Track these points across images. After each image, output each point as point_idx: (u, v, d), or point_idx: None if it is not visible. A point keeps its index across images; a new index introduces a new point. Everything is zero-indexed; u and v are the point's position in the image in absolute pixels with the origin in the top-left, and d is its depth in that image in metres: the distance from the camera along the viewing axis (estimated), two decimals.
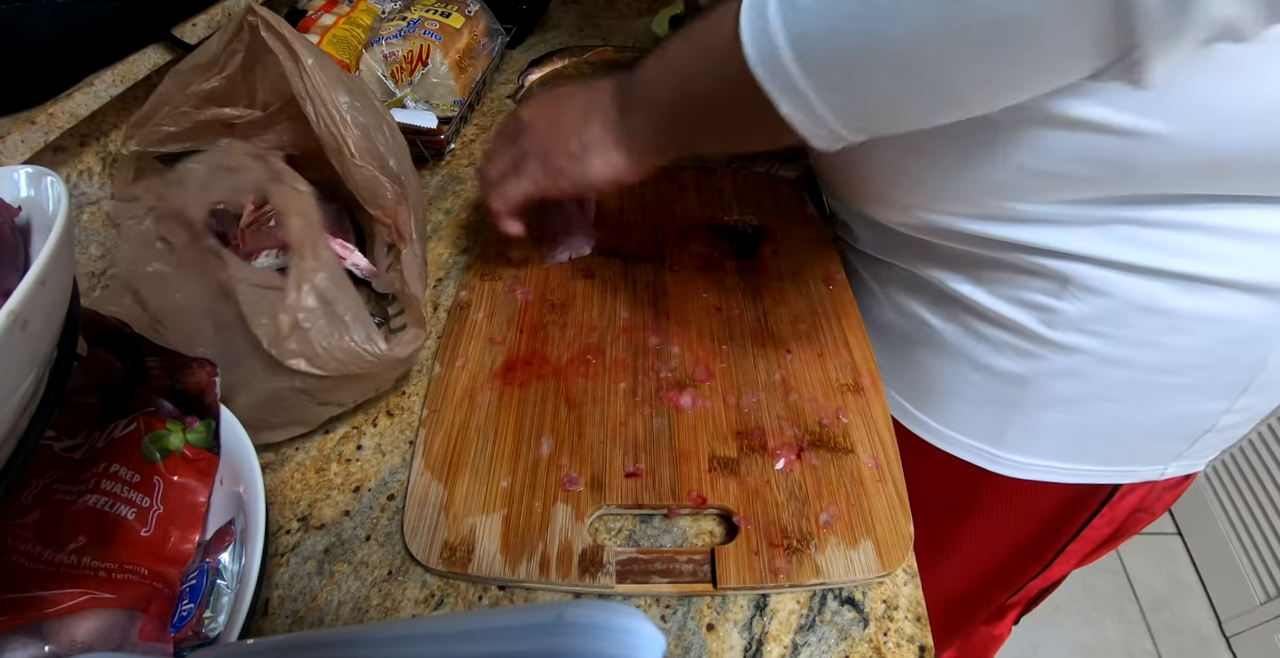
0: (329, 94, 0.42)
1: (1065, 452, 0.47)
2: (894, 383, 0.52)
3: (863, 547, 0.38)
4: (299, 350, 0.38)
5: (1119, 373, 0.42)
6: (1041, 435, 0.47)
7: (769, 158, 0.69)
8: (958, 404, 0.50)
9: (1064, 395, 0.44)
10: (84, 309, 0.33)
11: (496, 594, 0.37)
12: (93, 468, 0.36)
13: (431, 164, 0.68)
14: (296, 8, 0.70)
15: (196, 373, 0.38)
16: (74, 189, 0.53)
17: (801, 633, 0.36)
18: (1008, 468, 0.49)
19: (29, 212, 0.27)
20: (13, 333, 0.21)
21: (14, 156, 0.45)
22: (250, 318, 0.38)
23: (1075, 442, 0.47)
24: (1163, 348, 0.40)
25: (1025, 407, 0.46)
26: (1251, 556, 1.24)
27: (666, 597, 0.37)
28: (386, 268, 0.50)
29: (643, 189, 0.63)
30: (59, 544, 0.33)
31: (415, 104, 0.69)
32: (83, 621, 0.32)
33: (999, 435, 0.48)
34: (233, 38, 0.44)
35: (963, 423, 0.50)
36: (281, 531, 0.40)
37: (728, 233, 0.58)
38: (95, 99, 0.51)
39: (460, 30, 0.71)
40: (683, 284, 0.53)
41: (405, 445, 0.44)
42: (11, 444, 0.24)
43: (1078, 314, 0.40)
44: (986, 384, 0.47)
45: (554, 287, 0.53)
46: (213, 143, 0.49)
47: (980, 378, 0.47)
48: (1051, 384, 0.44)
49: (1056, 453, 0.48)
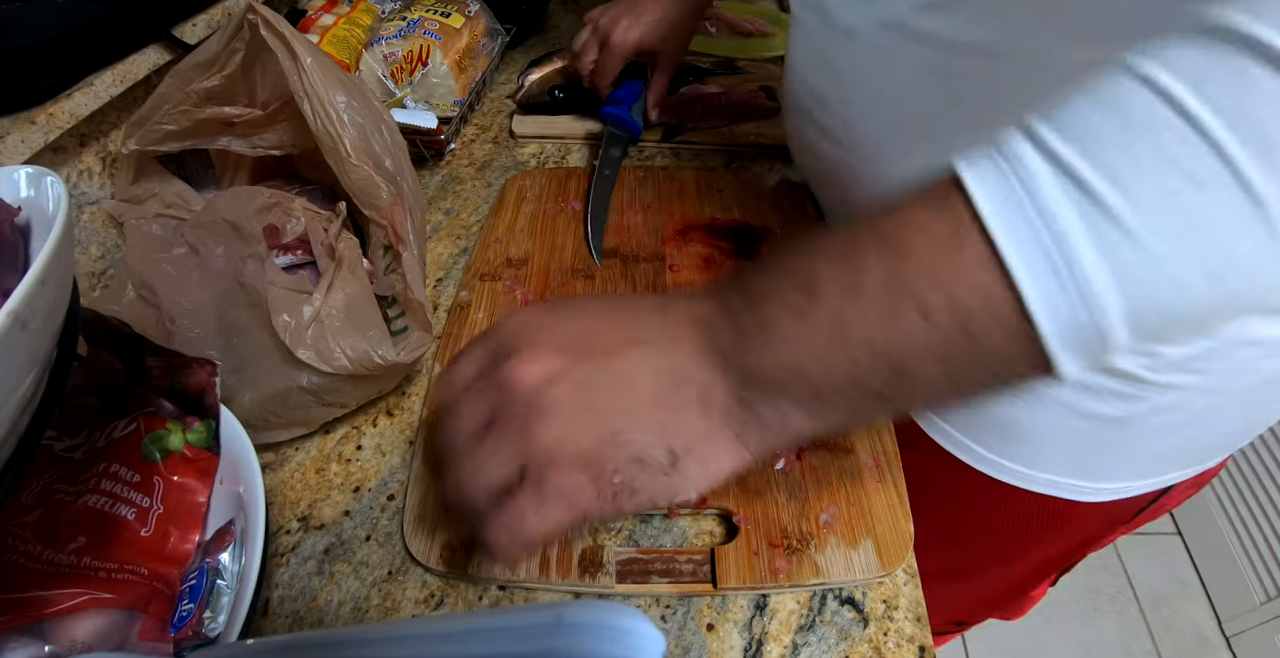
0: (326, 93, 0.42)
1: (1147, 471, 0.47)
2: (959, 425, 0.49)
3: (863, 547, 0.38)
4: (312, 344, 0.39)
5: (1214, 400, 0.41)
6: (1131, 463, 0.46)
7: (769, 158, 0.69)
8: (1049, 448, 0.46)
9: (1159, 427, 0.43)
10: (84, 309, 0.33)
11: (496, 594, 0.37)
12: (93, 468, 0.36)
13: (431, 164, 0.68)
14: (296, 8, 0.70)
15: (196, 373, 0.38)
16: (74, 189, 0.53)
17: (801, 633, 0.36)
18: (1092, 496, 0.48)
19: (29, 212, 0.27)
20: (13, 333, 0.21)
21: (14, 157, 0.45)
22: (273, 315, 0.39)
23: (1159, 461, 0.46)
24: (1255, 373, 0.39)
25: (1120, 443, 0.44)
26: (1251, 556, 1.24)
27: (666, 597, 0.37)
28: (385, 269, 0.50)
29: (643, 190, 0.63)
30: (59, 544, 0.33)
31: (415, 104, 0.69)
32: (83, 621, 0.32)
33: (1090, 471, 0.47)
34: (233, 36, 0.44)
35: (1054, 464, 0.47)
36: (281, 531, 0.40)
37: (728, 233, 0.58)
38: (95, 99, 0.50)
39: (460, 30, 0.71)
40: (683, 284, 0.53)
41: (405, 445, 0.44)
42: (11, 444, 0.24)
43: (1180, 356, 0.38)
44: (1085, 429, 0.44)
45: (554, 287, 0.53)
46: (212, 142, 0.49)
47: (1080, 424, 0.44)
48: (1149, 420, 0.42)
49: (1140, 474, 0.47)
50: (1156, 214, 0.20)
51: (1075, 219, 0.20)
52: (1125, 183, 0.20)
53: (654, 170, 0.66)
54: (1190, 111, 0.19)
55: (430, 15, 0.70)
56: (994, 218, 0.21)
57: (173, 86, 0.46)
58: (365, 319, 0.41)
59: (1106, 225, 0.20)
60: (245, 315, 0.41)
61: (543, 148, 0.71)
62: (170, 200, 0.51)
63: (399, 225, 0.45)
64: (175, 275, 0.45)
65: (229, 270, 0.44)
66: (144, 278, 0.45)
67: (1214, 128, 0.19)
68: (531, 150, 0.71)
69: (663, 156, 0.69)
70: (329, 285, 0.41)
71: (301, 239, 0.47)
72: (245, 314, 0.41)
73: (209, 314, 0.43)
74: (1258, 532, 1.23)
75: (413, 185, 0.47)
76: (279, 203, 0.47)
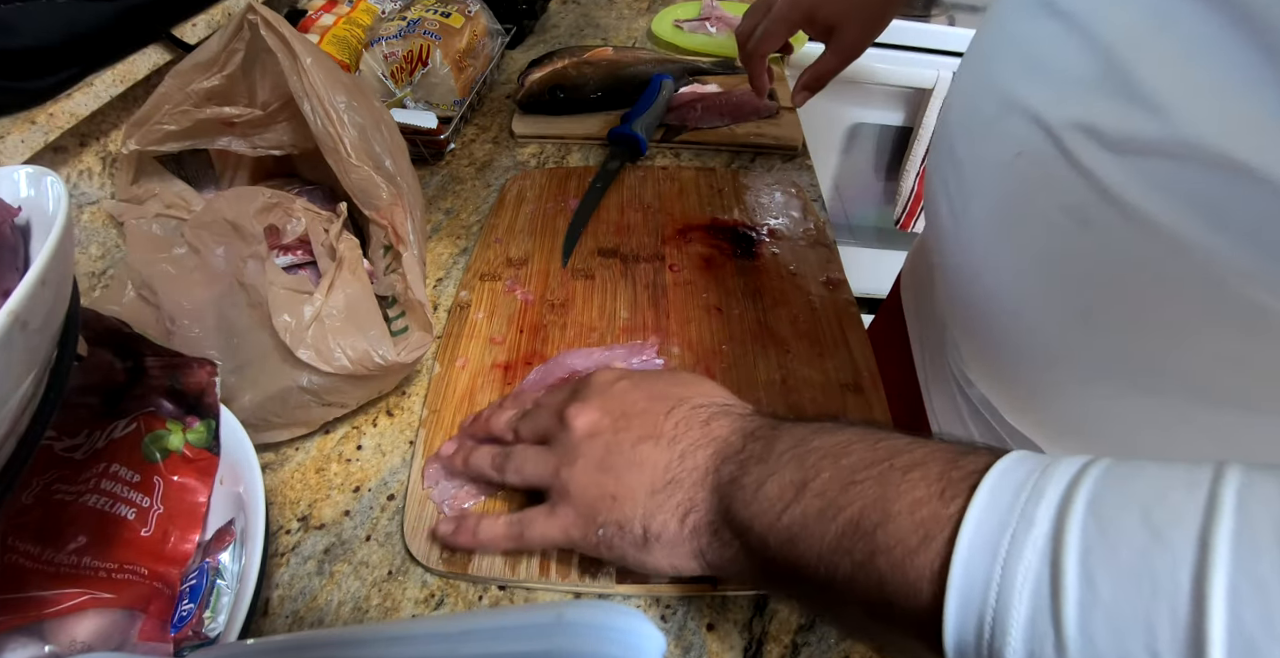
0: (326, 93, 0.42)
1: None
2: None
3: None
4: (313, 344, 0.39)
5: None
6: None
7: (769, 157, 0.69)
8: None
9: None
10: (84, 309, 0.33)
11: (496, 594, 0.37)
12: (93, 468, 0.36)
13: (431, 164, 0.68)
14: (296, 8, 0.70)
15: (196, 373, 0.38)
16: (74, 189, 0.53)
17: (801, 633, 0.36)
18: None
19: (29, 212, 0.27)
20: (13, 333, 0.21)
21: (14, 157, 0.45)
22: (274, 315, 0.39)
23: None
24: None
25: None
26: None
27: (666, 597, 0.37)
28: (385, 269, 0.50)
29: (643, 190, 0.63)
30: (59, 544, 0.33)
31: (415, 104, 0.69)
32: (83, 621, 0.32)
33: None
34: (233, 36, 0.44)
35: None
36: (281, 531, 0.40)
37: (728, 233, 0.58)
38: (95, 99, 0.50)
39: (460, 30, 0.71)
40: (683, 284, 0.53)
41: (405, 445, 0.44)
42: (11, 444, 0.24)
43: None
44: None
45: (554, 287, 0.53)
46: (212, 142, 0.49)
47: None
48: None
49: None
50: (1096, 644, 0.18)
51: (1027, 604, 0.19)
52: (1092, 593, 0.18)
53: (654, 170, 0.66)
54: (1209, 538, 0.17)
55: (430, 15, 0.70)
56: (966, 549, 0.21)
57: (173, 86, 0.46)
58: (365, 319, 0.41)
59: (1046, 626, 0.19)
60: (245, 315, 0.41)
61: (543, 148, 0.71)
62: (170, 200, 0.51)
63: (399, 225, 0.45)
64: (175, 275, 0.45)
65: (229, 270, 0.44)
66: (144, 278, 0.45)
67: (1215, 560, 0.17)
68: (531, 150, 0.71)
69: (663, 156, 0.69)
70: (329, 285, 0.41)
71: (302, 239, 0.47)
72: (245, 314, 0.41)
73: (209, 314, 0.43)
74: None
75: (413, 185, 0.47)
76: (279, 203, 0.47)
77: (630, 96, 0.72)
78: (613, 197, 0.62)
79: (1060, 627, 0.19)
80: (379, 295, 0.51)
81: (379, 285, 0.50)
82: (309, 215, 0.47)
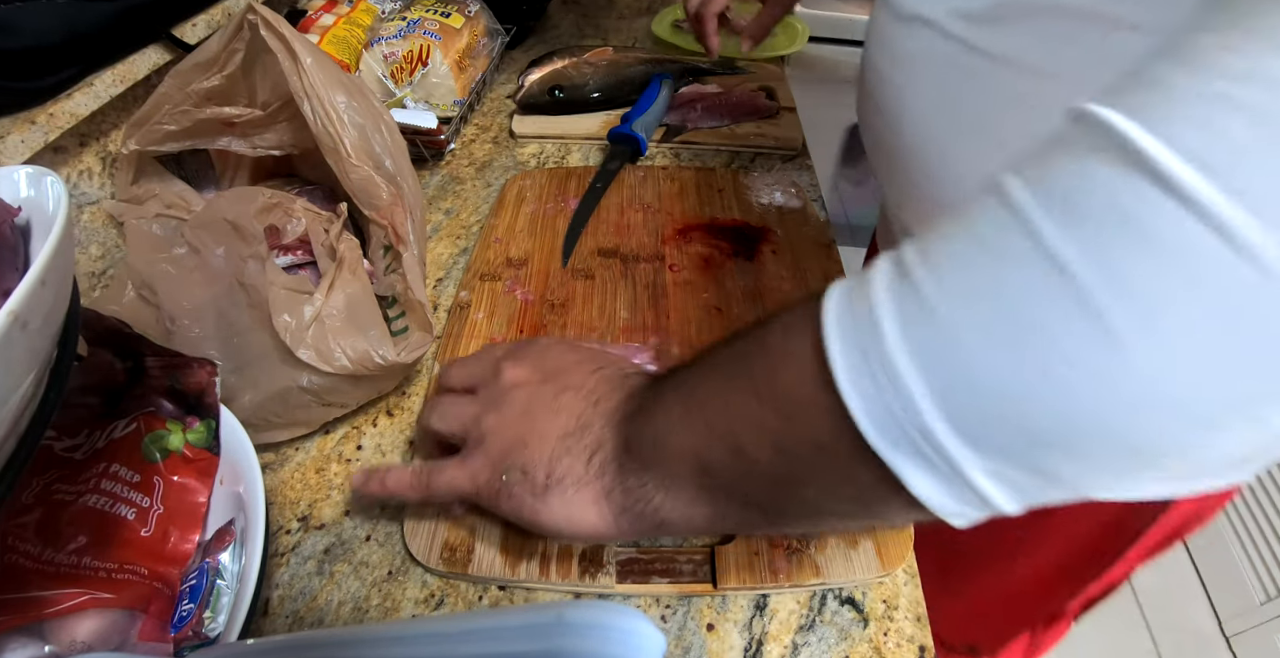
0: (326, 93, 0.42)
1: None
2: None
3: (862, 547, 0.38)
4: (313, 344, 0.39)
5: None
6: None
7: (769, 158, 0.69)
8: None
9: None
10: (84, 309, 0.33)
11: (496, 594, 0.37)
12: (93, 468, 0.36)
13: (431, 164, 0.68)
14: (296, 8, 0.70)
15: (196, 373, 0.38)
16: (74, 189, 0.53)
17: (801, 633, 0.36)
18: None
19: (29, 212, 0.27)
20: (13, 333, 0.21)
21: (14, 157, 0.45)
22: (274, 315, 0.39)
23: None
24: None
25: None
26: (1251, 556, 1.24)
27: (666, 597, 0.37)
28: (385, 269, 0.50)
29: (643, 190, 0.63)
30: (59, 544, 0.33)
31: (415, 104, 0.69)
32: (83, 621, 0.32)
33: None
34: (233, 36, 0.44)
35: None
36: (281, 531, 0.40)
37: (728, 233, 0.58)
38: (95, 99, 0.51)
39: (460, 30, 0.71)
40: (683, 284, 0.53)
41: (405, 445, 0.44)
42: (11, 444, 0.24)
43: None
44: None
45: (554, 287, 0.53)
46: (212, 142, 0.49)
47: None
48: None
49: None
50: (952, 282, 0.19)
51: (884, 295, 0.20)
52: (932, 257, 0.20)
53: (654, 170, 0.66)
54: (1004, 188, 0.19)
55: (430, 15, 0.70)
56: (834, 312, 0.22)
57: (173, 86, 0.46)
58: (366, 319, 0.41)
59: (910, 301, 0.20)
60: (245, 315, 0.41)
61: (543, 148, 0.71)
62: (170, 200, 0.51)
63: (399, 225, 0.45)
64: (175, 275, 0.45)
65: (229, 270, 0.44)
66: (144, 278, 0.45)
67: (1025, 202, 0.18)
68: (531, 150, 0.71)
69: (663, 156, 0.69)
70: (329, 285, 0.41)
71: (302, 239, 0.47)
72: (245, 314, 0.41)
73: (209, 314, 0.43)
74: (1258, 532, 1.23)
75: (413, 185, 0.47)
76: (279, 203, 0.47)
77: (630, 96, 0.72)
78: (613, 197, 0.62)
79: (913, 283, 0.20)
80: (379, 295, 0.51)
81: (379, 285, 0.50)
82: (309, 215, 0.47)
